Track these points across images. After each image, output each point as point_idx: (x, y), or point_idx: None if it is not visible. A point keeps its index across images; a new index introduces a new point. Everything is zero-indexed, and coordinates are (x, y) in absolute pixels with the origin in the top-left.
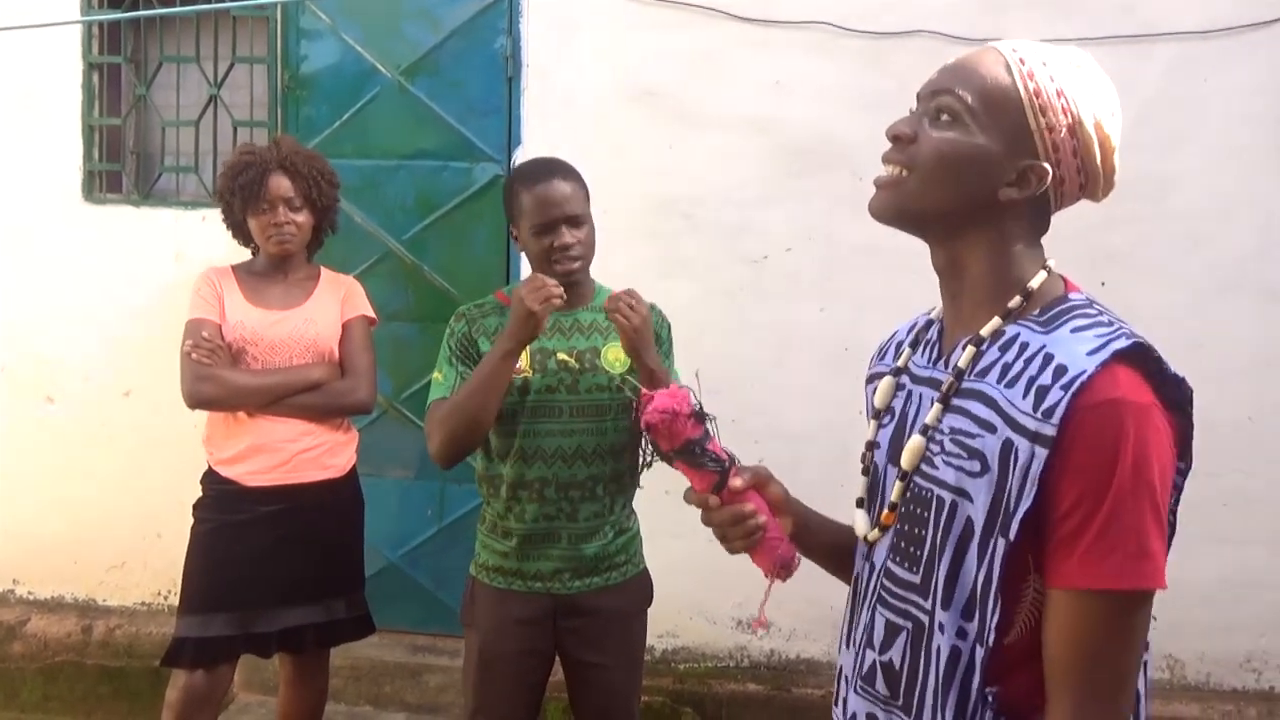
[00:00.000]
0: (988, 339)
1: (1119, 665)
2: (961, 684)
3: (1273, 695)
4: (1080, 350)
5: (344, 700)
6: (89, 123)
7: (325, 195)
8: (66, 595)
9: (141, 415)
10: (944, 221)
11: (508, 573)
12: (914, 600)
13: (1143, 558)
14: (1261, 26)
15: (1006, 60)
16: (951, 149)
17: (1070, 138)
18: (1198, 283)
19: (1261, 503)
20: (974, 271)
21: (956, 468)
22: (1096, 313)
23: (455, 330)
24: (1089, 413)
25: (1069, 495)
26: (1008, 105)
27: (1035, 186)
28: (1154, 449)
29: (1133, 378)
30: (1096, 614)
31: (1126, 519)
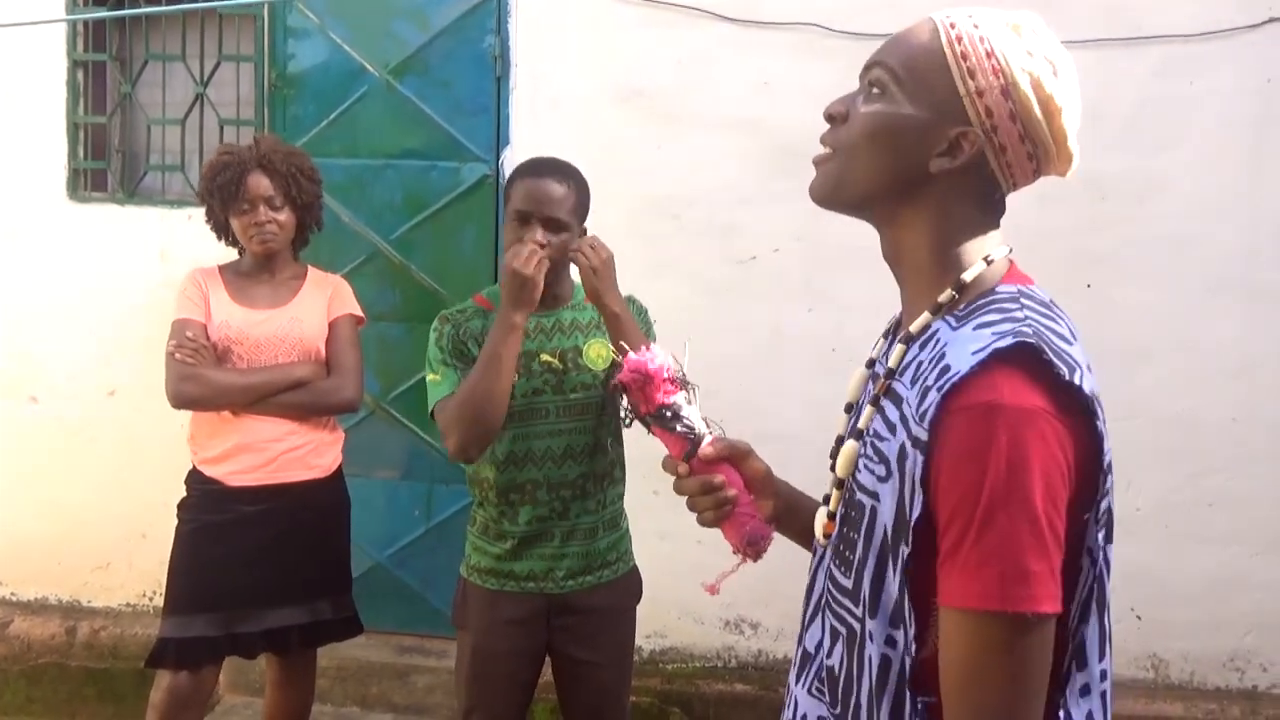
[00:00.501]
0: (915, 336)
1: (1005, 691)
2: (895, 693)
3: (1256, 694)
4: (967, 350)
5: (330, 701)
6: (74, 120)
7: (306, 192)
8: (50, 596)
9: (126, 415)
10: (878, 200)
11: (499, 574)
12: (848, 606)
13: (1019, 580)
14: (1248, 30)
15: (938, 25)
16: (877, 121)
17: (1005, 99)
18: (1183, 284)
19: (1246, 503)
20: (912, 259)
21: (871, 472)
22: (1016, 308)
23: (443, 331)
24: (957, 415)
25: (946, 506)
26: (934, 70)
27: (967, 153)
28: (1034, 458)
29: (1015, 380)
30: (974, 635)
31: (999, 535)
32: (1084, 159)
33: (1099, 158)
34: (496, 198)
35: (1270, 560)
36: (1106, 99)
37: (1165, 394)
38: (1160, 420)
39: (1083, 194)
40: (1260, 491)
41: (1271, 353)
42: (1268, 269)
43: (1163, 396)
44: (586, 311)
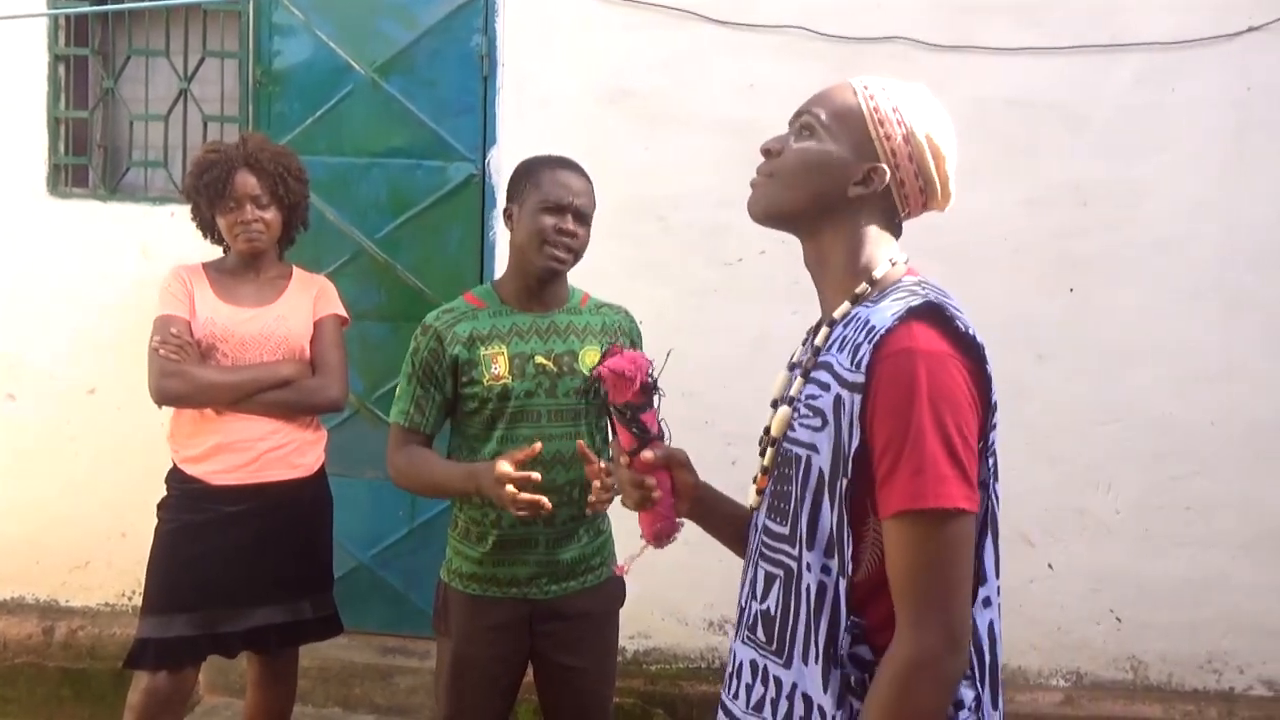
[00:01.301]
0: (838, 320)
1: (940, 579)
2: (831, 615)
3: (1233, 695)
4: (887, 313)
5: (312, 702)
6: (55, 115)
7: (293, 192)
8: (28, 596)
9: (106, 413)
10: (805, 215)
11: (482, 579)
12: (784, 549)
13: (940, 481)
14: (1229, 38)
15: (855, 88)
16: (809, 155)
17: (905, 144)
18: (1163, 289)
19: (1223, 506)
20: (833, 265)
21: (807, 427)
22: (919, 287)
23: (421, 346)
24: (887, 361)
25: (881, 435)
26: (852, 119)
27: (878, 183)
28: (947, 390)
29: (927, 331)
30: (912, 534)
31: (924, 448)
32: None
33: (1081, 164)
34: (483, 197)
35: (1248, 563)
36: (1088, 105)
37: (1145, 397)
38: (1139, 423)
39: (1065, 199)
40: (1239, 494)
41: (1250, 357)
42: (1246, 274)
43: (1142, 399)
44: (583, 315)
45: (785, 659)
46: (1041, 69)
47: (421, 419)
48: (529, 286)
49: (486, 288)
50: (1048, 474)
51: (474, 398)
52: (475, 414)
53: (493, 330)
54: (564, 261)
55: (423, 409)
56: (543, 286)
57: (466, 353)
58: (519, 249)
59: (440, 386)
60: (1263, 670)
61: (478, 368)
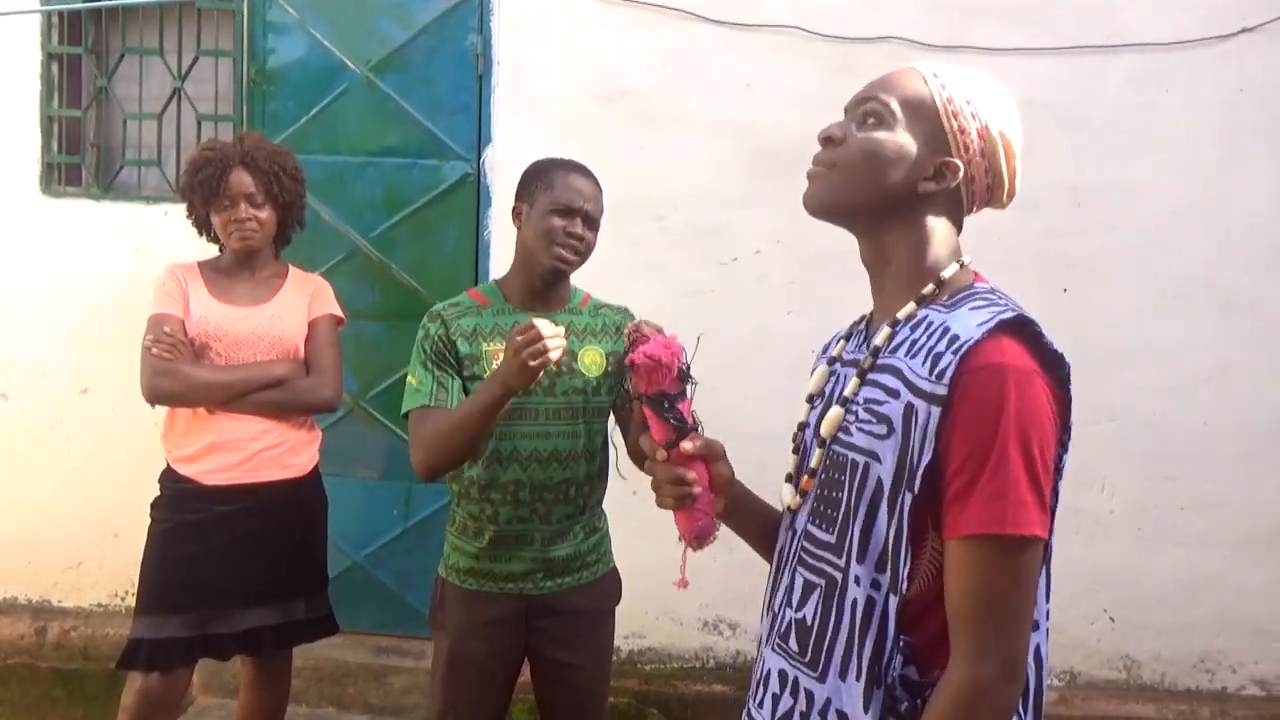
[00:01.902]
0: (902, 321)
1: (1007, 606)
2: (878, 632)
3: (1225, 695)
4: (972, 322)
5: (306, 702)
6: (48, 114)
7: (288, 191)
8: (20, 596)
9: (99, 413)
10: (870, 211)
11: (479, 574)
12: (828, 559)
13: (1020, 507)
14: (1223, 40)
15: (924, 75)
16: (878, 145)
17: (980, 139)
18: (1157, 290)
19: (1217, 506)
20: (896, 263)
21: (868, 433)
22: (997, 297)
23: (430, 332)
24: (974, 374)
25: (960, 452)
26: (925, 110)
27: (950, 180)
28: (1034, 410)
29: (1016, 346)
30: (984, 559)
31: (1008, 471)
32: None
33: (1076, 164)
34: (478, 196)
35: (1241, 563)
36: (1082, 106)
37: (1138, 397)
38: (1133, 423)
39: (1060, 200)
40: (1231, 494)
41: (1243, 357)
42: (1240, 275)
43: (1136, 400)
44: (583, 316)
45: (820, 672)
46: (1036, 69)
47: (445, 396)
48: (533, 286)
49: (491, 285)
50: None
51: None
52: None
53: (495, 327)
54: (570, 263)
55: (445, 387)
56: (547, 286)
57: (469, 347)
58: (526, 248)
59: (453, 371)
60: (1255, 670)
61: (479, 363)
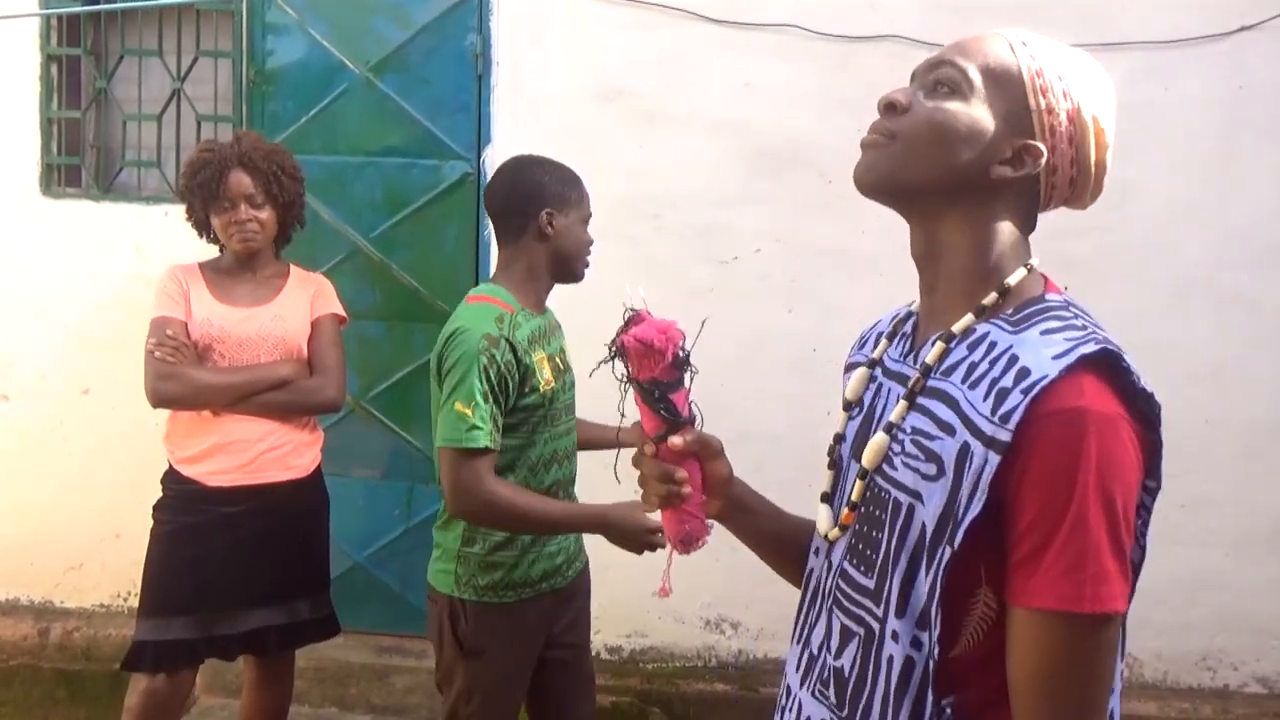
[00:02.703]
0: (958, 336)
1: (1083, 690)
2: (916, 695)
3: (1227, 693)
4: (1046, 354)
5: (308, 702)
6: (47, 115)
7: (287, 191)
8: (22, 597)
9: (100, 413)
10: (931, 194)
11: (518, 584)
12: (866, 606)
13: (1101, 580)
14: (1222, 38)
15: (1010, 42)
16: (947, 117)
17: (1069, 123)
18: (1156, 288)
19: (1218, 505)
20: (952, 260)
21: (914, 470)
22: (1072, 316)
23: (496, 359)
24: (1049, 420)
25: (1029, 510)
26: (1009, 82)
27: (1030, 166)
28: (1119, 463)
29: (1099, 386)
30: (1057, 635)
31: (1087, 537)
32: None
33: None
34: (477, 196)
35: (1241, 561)
36: None
37: None
38: None
39: None
40: (1231, 493)
41: (1241, 356)
42: (1238, 273)
43: None
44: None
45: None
46: None
47: (499, 438)
48: (544, 290)
49: (500, 290)
50: None
51: (528, 406)
52: (523, 423)
53: (530, 336)
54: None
55: (499, 426)
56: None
57: (529, 360)
58: (562, 255)
59: (506, 401)
60: (1257, 668)
61: (535, 375)
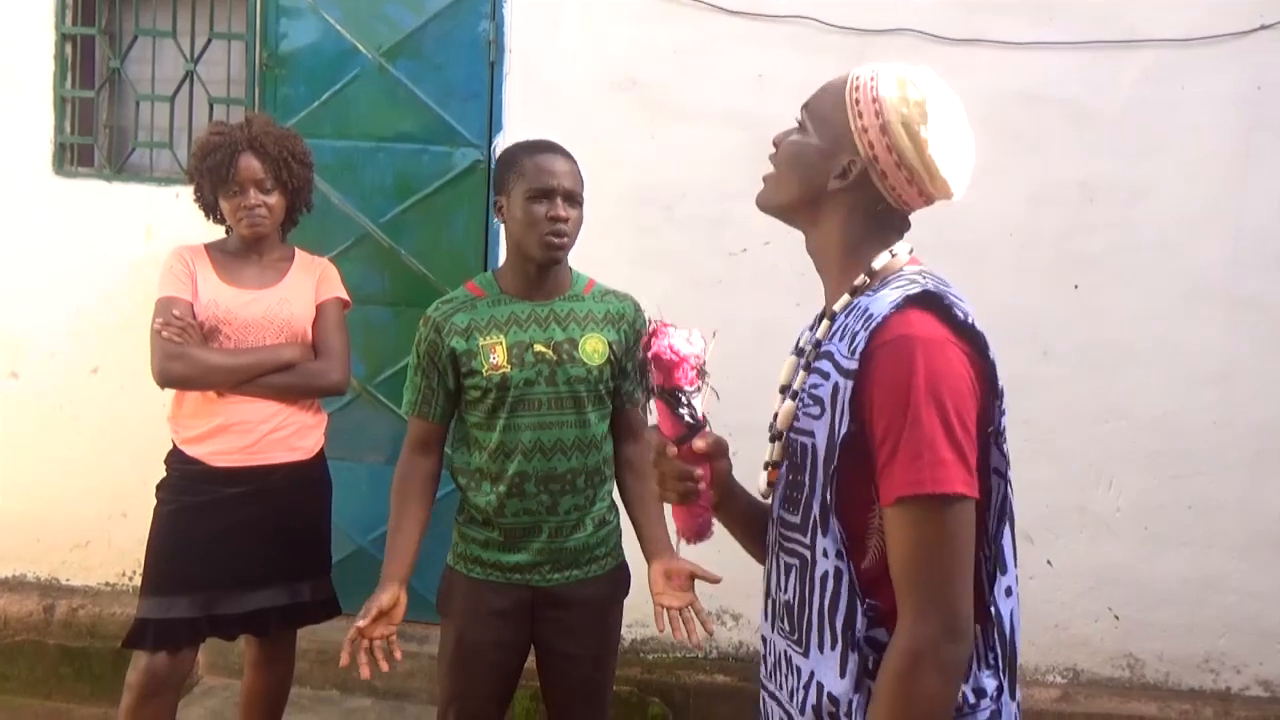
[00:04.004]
0: (839, 312)
1: (941, 565)
2: (848, 599)
3: (1229, 695)
4: (885, 301)
5: (310, 684)
6: (61, 94)
7: (296, 176)
8: (28, 574)
9: (109, 393)
10: (797, 210)
11: (486, 564)
12: (797, 539)
13: (938, 465)
14: (1239, 36)
15: (851, 78)
16: (795, 149)
17: (882, 134)
18: (1168, 289)
19: (1224, 507)
20: (827, 256)
21: (808, 415)
22: (918, 275)
23: (422, 338)
24: (883, 348)
25: (880, 423)
26: (835, 112)
27: (853, 176)
28: (943, 375)
29: (925, 318)
30: (910, 521)
31: (921, 433)
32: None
33: (1088, 161)
34: (488, 183)
35: (1246, 564)
36: (1097, 102)
37: (1147, 397)
38: (1142, 423)
39: (1071, 197)
40: (1239, 495)
41: (1252, 358)
42: (1250, 276)
43: (1145, 399)
44: (585, 302)
45: (804, 648)
46: (1051, 64)
47: (428, 409)
48: (528, 275)
49: (488, 276)
50: (1048, 471)
51: (475, 388)
52: (478, 403)
53: (490, 320)
54: (560, 247)
55: (429, 400)
56: (542, 274)
57: (464, 343)
58: (514, 240)
59: (443, 377)
60: (1260, 671)
61: (476, 358)
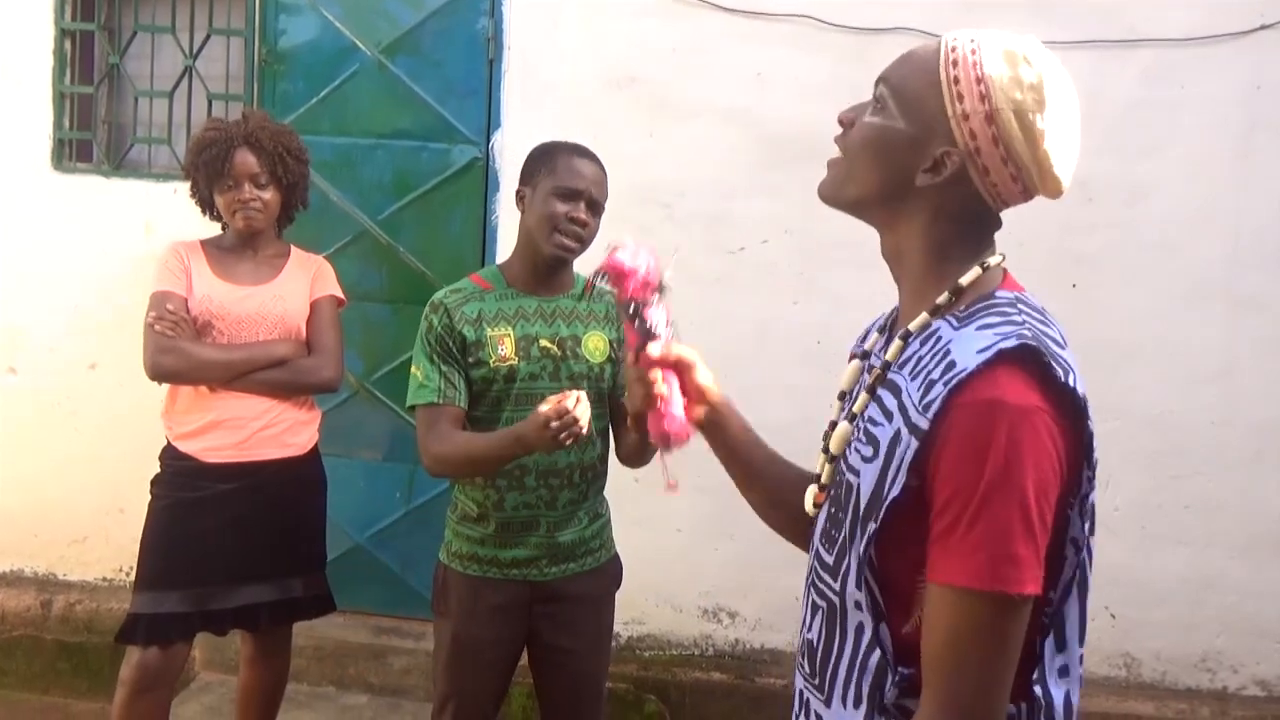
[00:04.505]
0: (914, 333)
1: (980, 664)
2: (879, 661)
3: (1225, 695)
4: (972, 348)
5: (307, 680)
6: (60, 90)
7: (292, 172)
8: (26, 569)
9: (107, 389)
10: (873, 206)
11: (483, 560)
12: (829, 581)
13: (1006, 562)
14: (1240, 36)
15: (943, 49)
16: (873, 133)
17: (988, 125)
18: (1168, 288)
19: (1223, 507)
20: (908, 262)
21: (859, 453)
22: (1015, 312)
23: (434, 324)
24: (963, 410)
25: (944, 492)
26: (927, 91)
27: (949, 172)
28: (1028, 452)
29: (1017, 379)
30: (959, 611)
31: (993, 520)
32: None
33: (1086, 160)
34: (486, 181)
35: (1244, 563)
36: (1096, 101)
37: (1146, 396)
38: (1140, 422)
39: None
40: (1237, 495)
41: (1251, 357)
42: (1250, 275)
43: (1144, 398)
44: (586, 301)
45: (826, 697)
46: None
47: (454, 393)
48: (536, 270)
49: (493, 269)
50: None
51: (480, 379)
52: (481, 396)
53: (499, 312)
54: (572, 250)
55: (452, 383)
56: (549, 271)
57: (474, 333)
58: (528, 232)
59: (458, 361)
60: (1257, 670)
61: (484, 349)
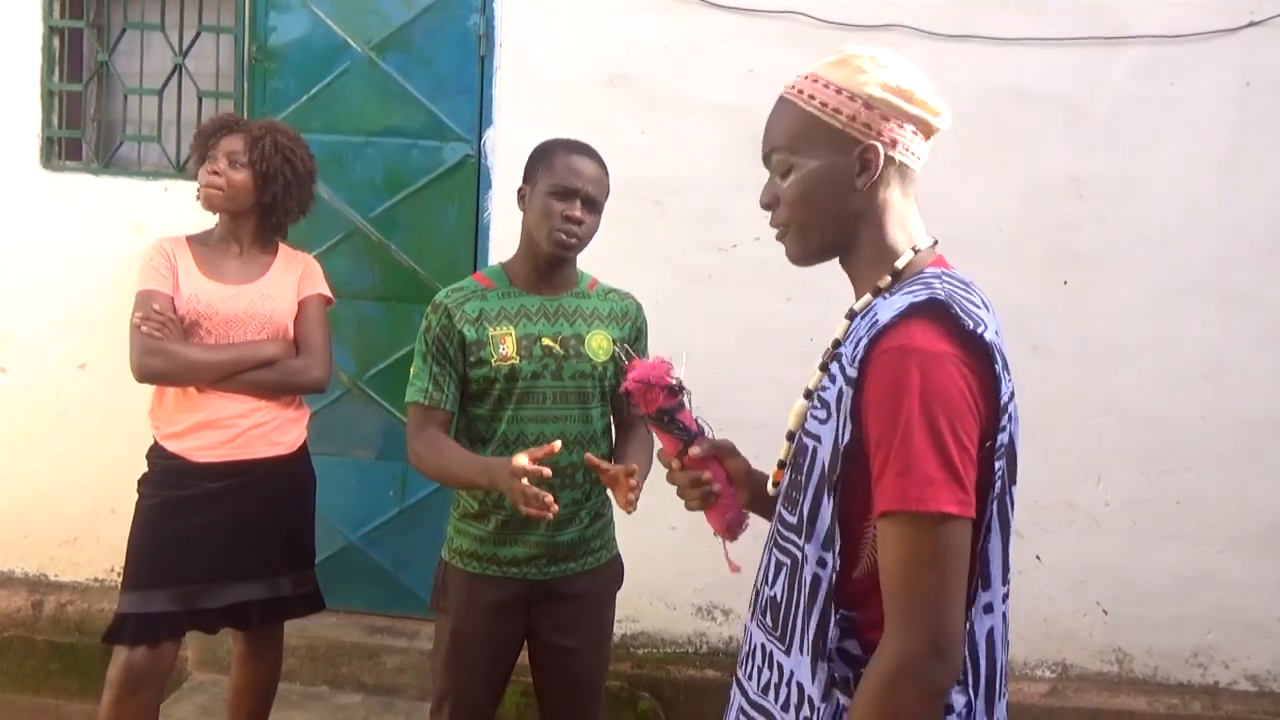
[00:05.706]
0: (859, 313)
1: (928, 583)
2: (822, 608)
3: (1217, 689)
4: (892, 307)
5: (300, 680)
6: (49, 88)
7: (269, 160)
8: (16, 570)
9: (96, 388)
10: (840, 235)
11: (482, 558)
12: (792, 539)
13: (926, 484)
14: (1229, 33)
15: (791, 98)
16: (801, 185)
17: (870, 110)
18: (1158, 284)
19: (1213, 502)
20: (862, 258)
21: (815, 418)
22: (937, 281)
23: (433, 324)
24: (881, 357)
25: (873, 433)
26: (812, 127)
27: (877, 161)
28: (937, 388)
29: (928, 329)
30: (899, 536)
31: (910, 450)
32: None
33: (1078, 156)
34: (478, 178)
35: (1235, 559)
36: (1087, 98)
37: (1137, 392)
38: (1131, 418)
39: (1062, 192)
40: (1227, 490)
41: (1242, 354)
42: (1240, 272)
43: (1134, 395)
44: (590, 300)
45: (786, 646)
46: (1041, 60)
47: (440, 395)
48: (538, 269)
49: (497, 268)
50: (1038, 466)
51: (482, 378)
52: (483, 394)
53: (501, 311)
54: (569, 247)
55: (441, 385)
56: (551, 269)
57: (475, 332)
58: (527, 230)
59: (454, 363)
60: (1248, 665)
61: (486, 348)
